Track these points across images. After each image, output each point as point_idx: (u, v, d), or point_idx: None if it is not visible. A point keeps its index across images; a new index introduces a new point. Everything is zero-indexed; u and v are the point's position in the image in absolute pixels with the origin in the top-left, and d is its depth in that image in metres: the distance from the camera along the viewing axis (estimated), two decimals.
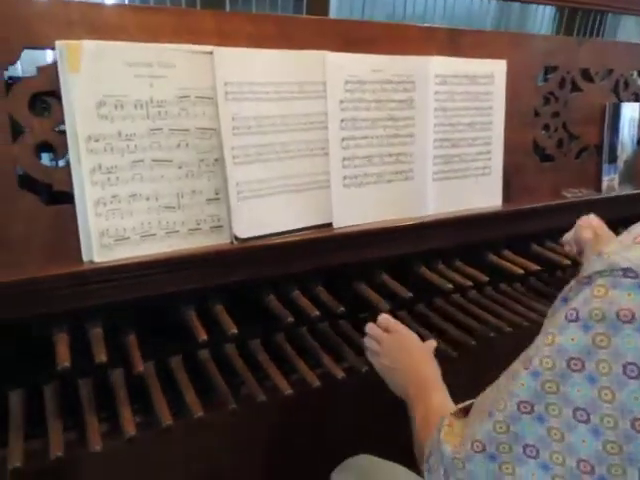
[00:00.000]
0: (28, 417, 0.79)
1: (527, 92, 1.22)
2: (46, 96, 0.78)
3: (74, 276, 0.77)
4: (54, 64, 0.77)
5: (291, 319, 0.88)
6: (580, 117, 1.32)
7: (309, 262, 0.94)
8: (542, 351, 0.49)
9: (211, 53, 0.84)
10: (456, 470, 0.54)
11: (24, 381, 0.82)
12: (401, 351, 0.84)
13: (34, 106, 0.79)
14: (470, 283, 1.06)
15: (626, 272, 0.45)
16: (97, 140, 0.79)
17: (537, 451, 0.49)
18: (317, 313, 0.91)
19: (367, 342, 0.89)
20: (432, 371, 0.81)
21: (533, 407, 0.49)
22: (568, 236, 1.05)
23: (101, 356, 0.76)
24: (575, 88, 1.30)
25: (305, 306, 0.92)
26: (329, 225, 0.99)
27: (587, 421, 0.46)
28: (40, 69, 0.77)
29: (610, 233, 1.01)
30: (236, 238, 0.89)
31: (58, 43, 0.75)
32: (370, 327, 0.89)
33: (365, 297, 1.00)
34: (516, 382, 0.51)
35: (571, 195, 1.30)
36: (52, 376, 0.81)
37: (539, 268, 1.14)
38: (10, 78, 0.85)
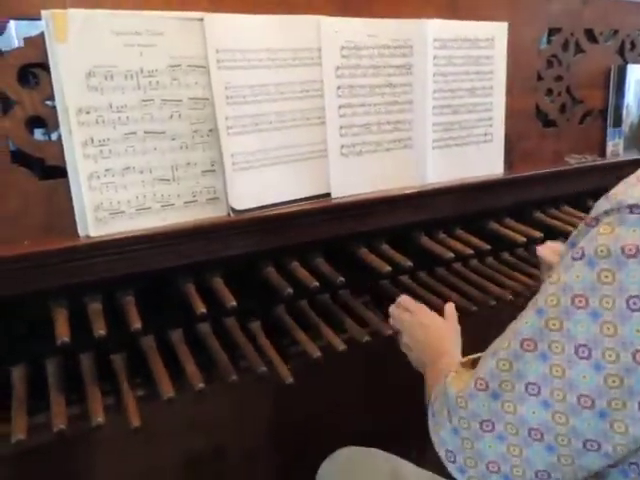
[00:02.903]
0: (31, 392, 0.79)
1: (529, 55, 1.19)
2: (35, 68, 0.77)
3: (70, 251, 0.77)
4: (41, 35, 0.75)
5: (290, 291, 0.88)
6: (584, 80, 1.29)
7: (307, 233, 0.93)
8: (547, 289, 0.50)
9: (201, 20, 0.82)
10: (459, 409, 0.55)
11: (26, 356, 0.82)
12: (420, 328, 0.85)
13: (25, 79, 0.78)
14: (471, 251, 1.05)
15: (632, 208, 0.45)
16: (88, 112, 0.77)
17: (539, 388, 0.49)
18: (316, 284, 0.90)
19: (392, 322, 0.90)
20: (450, 346, 0.81)
21: (536, 345, 0.49)
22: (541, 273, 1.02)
23: (100, 330, 0.76)
24: (579, 50, 1.27)
25: (304, 277, 0.92)
26: (327, 195, 0.98)
27: (589, 357, 0.46)
28: (27, 40, 0.75)
29: None
30: (233, 210, 0.88)
31: (44, 13, 0.73)
32: (392, 309, 0.91)
33: (367, 263, 0.99)
34: (521, 320, 0.51)
35: (574, 161, 1.27)
36: (53, 351, 0.81)
37: (542, 235, 1.13)
38: None
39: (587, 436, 0.48)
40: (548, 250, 0.95)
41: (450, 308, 0.89)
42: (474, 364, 0.61)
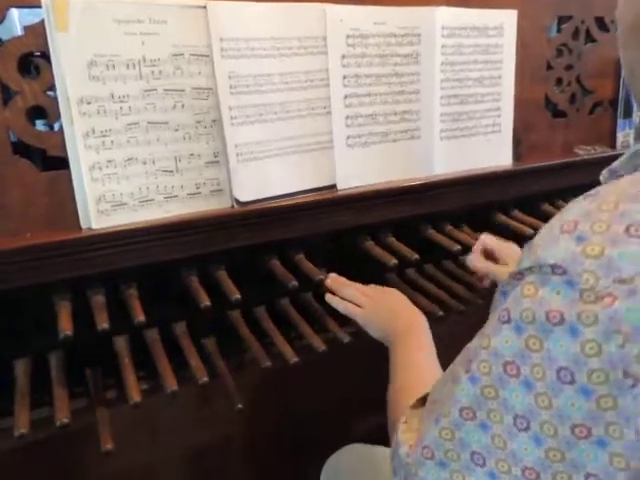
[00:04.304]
0: (34, 386, 0.79)
1: (539, 44, 1.16)
2: (36, 57, 0.76)
3: (72, 243, 0.76)
4: (42, 23, 0.74)
5: (295, 283, 0.87)
6: (594, 70, 1.27)
7: (312, 225, 0.92)
8: (480, 354, 0.46)
9: (204, 7, 0.80)
10: (412, 475, 0.52)
11: (29, 350, 0.81)
12: (375, 319, 0.85)
13: (26, 69, 0.76)
14: None
15: (554, 269, 0.41)
16: (89, 102, 0.76)
17: (483, 459, 0.47)
18: (321, 277, 0.89)
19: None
20: (411, 315, 0.83)
21: (475, 413, 0.47)
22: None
23: (103, 323, 0.75)
24: (589, 39, 1.24)
25: (309, 270, 0.91)
26: (333, 187, 0.97)
27: (527, 429, 0.43)
28: (27, 28, 0.74)
29: (506, 245, 0.96)
30: (237, 202, 0.87)
31: (44, 0, 0.72)
32: (335, 302, 0.90)
33: (373, 255, 0.98)
34: (457, 386, 0.48)
35: (584, 152, 1.25)
36: (57, 344, 0.80)
37: None
38: None
39: None
40: (478, 260, 0.95)
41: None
42: (424, 402, 0.58)
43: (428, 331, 0.80)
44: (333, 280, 0.91)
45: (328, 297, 0.90)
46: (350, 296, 0.88)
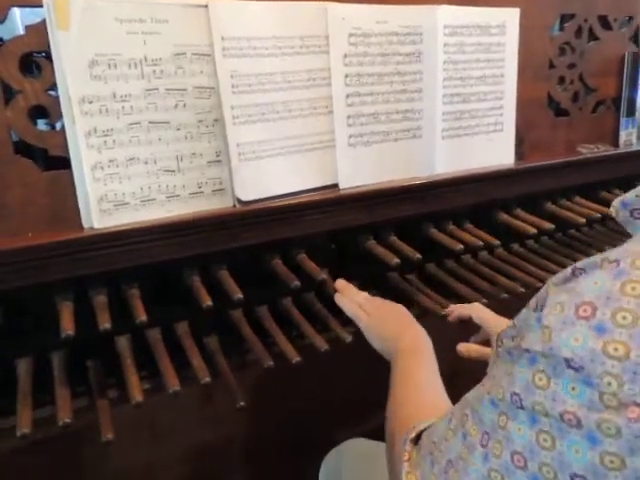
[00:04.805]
0: (36, 385, 0.79)
1: (541, 42, 1.16)
2: (37, 57, 0.75)
3: (74, 243, 0.76)
4: (43, 22, 0.73)
5: (297, 283, 0.87)
6: (597, 68, 1.26)
7: (314, 224, 0.92)
8: (496, 433, 0.43)
9: (206, 6, 0.80)
10: None
11: (31, 349, 0.81)
12: (376, 329, 0.85)
13: (28, 69, 0.76)
14: (481, 243, 1.03)
15: (569, 362, 0.37)
16: (91, 102, 0.76)
17: None
18: (324, 276, 0.89)
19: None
20: (416, 333, 0.81)
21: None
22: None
23: (105, 323, 0.75)
24: (592, 37, 1.24)
25: (311, 269, 0.90)
26: (335, 186, 0.96)
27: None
28: (29, 28, 0.74)
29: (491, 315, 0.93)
30: (239, 201, 0.87)
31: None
32: (346, 306, 0.89)
33: (375, 255, 0.98)
34: (470, 456, 0.46)
35: (587, 151, 1.25)
36: (59, 343, 0.80)
37: (552, 227, 1.11)
38: (0, 39, 0.83)
39: None
40: (470, 348, 0.92)
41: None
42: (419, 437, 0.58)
43: (432, 353, 0.78)
44: (343, 285, 0.92)
45: (337, 297, 0.90)
46: (358, 302, 0.88)
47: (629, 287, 0.35)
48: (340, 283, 0.92)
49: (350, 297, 0.90)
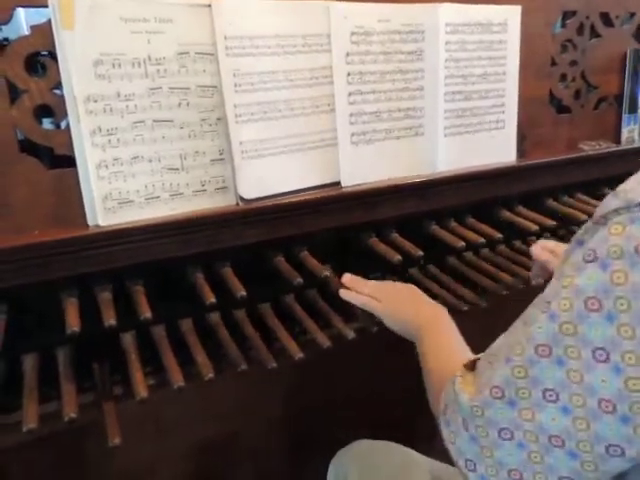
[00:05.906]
0: (42, 381, 0.80)
1: (543, 40, 1.16)
2: (42, 56, 0.76)
3: (79, 240, 0.76)
4: (48, 22, 0.74)
5: (300, 280, 0.87)
6: (599, 65, 1.26)
7: (317, 222, 0.92)
8: (560, 293, 0.48)
9: (209, 6, 0.80)
10: (475, 418, 0.54)
11: (37, 345, 0.82)
12: (394, 314, 0.86)
13: (33, 68, 0.77)
14: (483, 240, 1.03)
15: None
16: (96, 101, 0.76)
17: (557, 395, 0.48)
18: (327, 274, 0.90)
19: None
20: (433, 307, 0.83)
21: (551, 350, 0.48)
22: (533, 273, 1.02)
23: (110, 320, 0.76)
24: (594, 34, 1.24)
25: (314, 266, 0.91)
26: (337, 184, 0.97)
27: (607, 360, 0.45)
28: (34, 27, 0.75)
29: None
30: (242, 199, 0.88)
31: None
32: (354, 299, 0.91)
33: (377, 252, 0.98)
34: (533, 326, 0.50)
35: (589, 148, 1.25)
36: (64, 339, 0.81)
37: (554, 223, 1.11)
38: (5, 39, 0.83)
39: (610, 441, 0.46)
40: (542, 249, 0.95)
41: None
42: (474, 365, 0.60)
43: (451, 320, 0.81)
44: (350, 279, 0.92)
45: (343, 292, 0.91)
46: (368, 291, 0.89)
47: None
48: (347, 277, 0.93)
49: (360, 289, 0.90)
